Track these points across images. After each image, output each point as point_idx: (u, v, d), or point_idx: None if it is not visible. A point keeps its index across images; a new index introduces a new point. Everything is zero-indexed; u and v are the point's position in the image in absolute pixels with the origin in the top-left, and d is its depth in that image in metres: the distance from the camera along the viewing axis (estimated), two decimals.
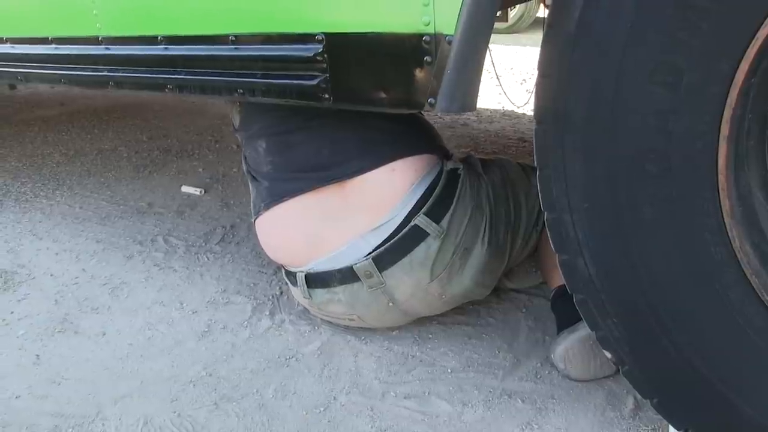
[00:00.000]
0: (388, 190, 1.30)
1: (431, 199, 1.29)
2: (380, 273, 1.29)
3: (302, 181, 1.34)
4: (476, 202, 1.33)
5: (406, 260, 1.29)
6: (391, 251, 1.29)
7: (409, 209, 1.29)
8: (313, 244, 1.35)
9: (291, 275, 1.43)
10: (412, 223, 1.28)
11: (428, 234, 1.28)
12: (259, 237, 1.46)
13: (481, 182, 1.37)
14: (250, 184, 1.48)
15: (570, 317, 1.22)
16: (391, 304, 1.35)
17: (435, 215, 1.28)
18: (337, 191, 1.32)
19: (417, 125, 1.45)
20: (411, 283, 1.31)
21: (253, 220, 1.45)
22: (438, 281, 1.32)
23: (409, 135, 1.38)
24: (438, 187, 1.30)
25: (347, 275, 1.32)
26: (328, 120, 1.34)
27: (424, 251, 1.28)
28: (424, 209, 1.28)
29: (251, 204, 1.48)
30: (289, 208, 1.36)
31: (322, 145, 1.34)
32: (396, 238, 1.28)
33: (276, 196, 1.37)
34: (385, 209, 1.29)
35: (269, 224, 1.41)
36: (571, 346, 1.24)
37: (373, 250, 1.29)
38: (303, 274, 1.37)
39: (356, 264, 1.30)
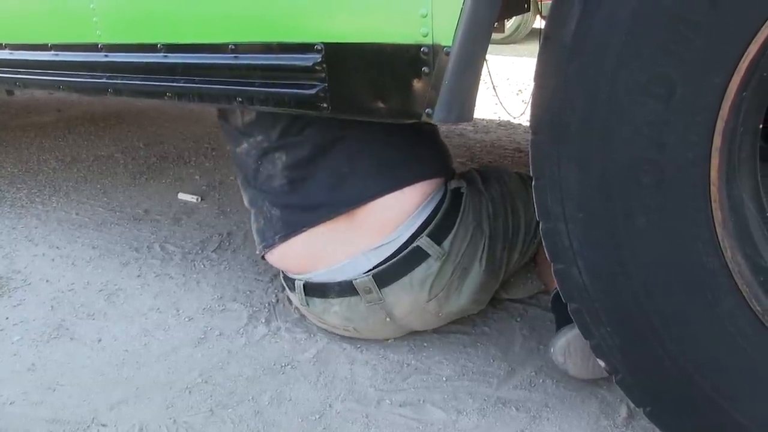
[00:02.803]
0: (396, 212, 1.31)
1: (435, 221, 1.30)
2: (380, 290, 1.31)
3: (319, 210, 1.33)
4: (477, 221, 1.34)
5: (405, 279, 1.30)
6: (392, 270, 1.30)
7: (413, 231, 1.30)
8: (314, 258, 1.36)
9: (289, 281, 1.43)
10: (414, 245, 1.29)
11: (429, 255, 1.29)
12: (268, 260, 1.44)
13: (482, 199, 1.38)
14: (252, 208, 1.44)
15: (568, 320, 1.21)
16: (388, 319, 1.36)
17: (437, 237, 1.29)
18: (346, 216, 1.32)
19: (432, 144, 1.44)
20: (409, 301, 1.32)
21: (262, 254, 1.42)
22: (436, 300, 1.33)
23: (424, 157, 1.38)
24: (442, 209, 1.32)
25: (346, 288, 1.33)
26: (350, 135, 1.32)
27: (424, 271, 1.29)
28: (427, 231, 1.29)
29: (256, 232, 1.43)
30: (301, 237, 1.35)
31: (341, 164, 1.33)
32: (398, 257, 1.29)
33: (292, 227, 1.35)
34: (390, 230, 1.30)
35: (281, 253, 1.39)
36: (573, 340, 1.23)
37: (374, 268, 1.30)
38: (301, 283, 1.38)
39: (356, 279, 1.31)
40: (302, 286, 1.38)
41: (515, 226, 1.41)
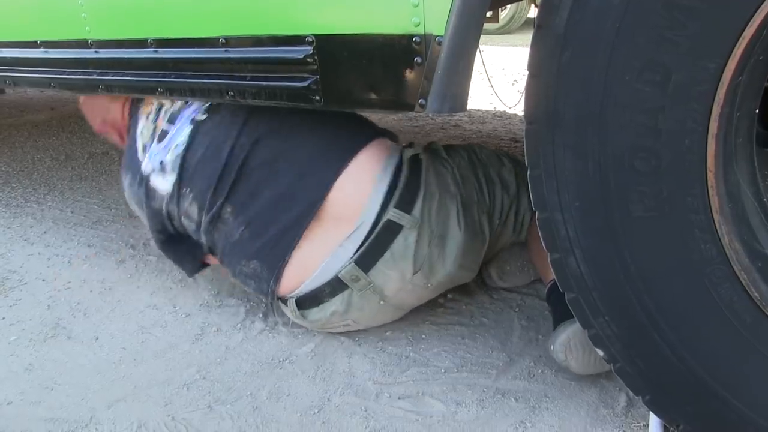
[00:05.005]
0: (355, 192, 1.30)
1: (398, 190, 1.29)
2: (366, 274, 1.30)
3: (286, 236, 1.32)
4: (443, 186, 1.33)
5: (387, 255, 1.29)
6: (371, 250, 1.29)
7: (379, 206, 1.29)
8: (300, 272, 1.35)
9: (282, 300, 1.43)
10: (384, 219, 1.28)
11: (403, 226, 1.28)
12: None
13: (445, 166, 1.37)
14: (237, 278, 1.45)
15: (568, 310, 1.19)
16: (382, 302, 1.36)
17: (405, 207, 1.29)
18: (314, 221, 1.31)
19: (360, 118, 1.46)
20: (397, 277, 1.31)
21: (271, 301, 1.43)
22: (421, 271, 1.32)
23: (357, 127, 1.39)
24: (402, 177, 1.30)
25: (336, 285, 1.33)
26: (274, 144, 1.33)
27: (402, 244, 1.29)
28: (393, 202, 1.28)
29: (255, 291, 1.44)
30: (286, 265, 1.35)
31: (281, 172, 1.32)
32: (372, 236, 1.29)
33: (276, 266, 1.34)
34: (356, 213, 1.29)
35: (279, 288, 1.38)
36: (573, 336, 1.21)
37: (354, 254, 1.30)
38: (293, 300, 1.38)
39: (341, 271, 1.30)
40: (295, 303, 1.39)
41: (490, 190, 1.40)
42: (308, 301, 1.37)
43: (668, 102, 0.82)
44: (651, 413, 1.13)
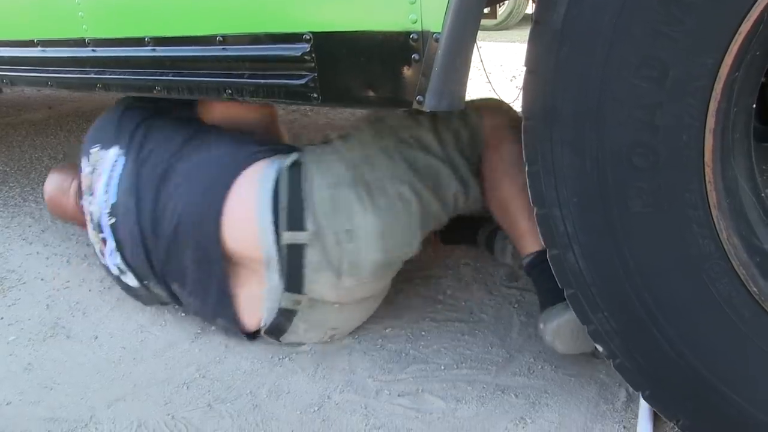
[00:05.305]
0: (243, 230, 1.29)
1: (282, 212, 1.26)
2: (302, 294, 1.30)
3: (221, 292, 1.35)
4: (333, 180, 1.26)
5: (307, 274, 1.27)
6: (291, 275, 1.28)
7: (272, 234, 1.26)
8: (251, 313, 1.37)
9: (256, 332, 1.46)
10: (282, 245, 1.26)
11: (304, 244, 1.25)
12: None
13: (338, 151, 1.32)
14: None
15: (554, 291, 1.10)
16: (337, 305, 1.35)
17: (296, 224, 1.25)
18: (232, 269, 1.34)
19: (230, 151, 1.41)
20: (326, 288, 1.30)
21: (259, 330, 1.44)
22: (345, 273, 1.27)
23: (225, 165, 1.36)
24: (283, 194, 1.26)
25: (286, 314, 1.34)
26: (167, 219, 1.35)
27: (311, 259, 1.26)
28: (283, 226, 1.25)
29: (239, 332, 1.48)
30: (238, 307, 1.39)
31: (185, 238, 1.33)
32: (285, 263, 1.27)
33: (233, 316, 1.38)
34: (256, 248, 1.28)
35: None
36: (565, 325, 1.19)
37: (281, 283, 1.30)
38: (263, 331, 1.40)
39: (280, 303, 1.32)
40: (266, 334, 1.40)
41: (408, 159, 1.30)
42: (275, 331, 1.38)
43: (665, 97, 0.82)
44: (640, 408, 1.13)
